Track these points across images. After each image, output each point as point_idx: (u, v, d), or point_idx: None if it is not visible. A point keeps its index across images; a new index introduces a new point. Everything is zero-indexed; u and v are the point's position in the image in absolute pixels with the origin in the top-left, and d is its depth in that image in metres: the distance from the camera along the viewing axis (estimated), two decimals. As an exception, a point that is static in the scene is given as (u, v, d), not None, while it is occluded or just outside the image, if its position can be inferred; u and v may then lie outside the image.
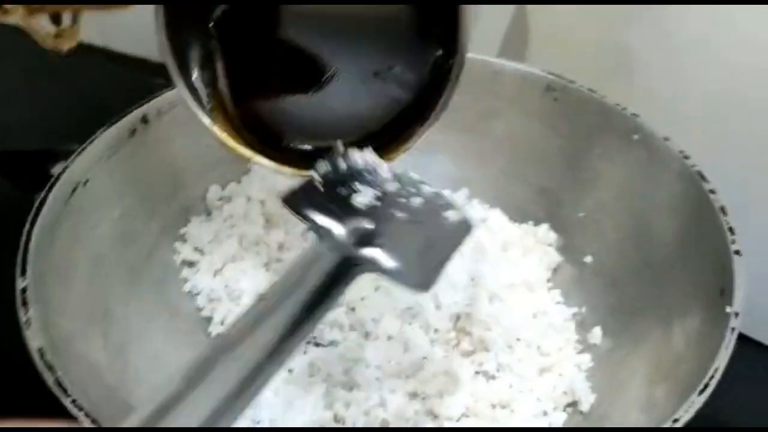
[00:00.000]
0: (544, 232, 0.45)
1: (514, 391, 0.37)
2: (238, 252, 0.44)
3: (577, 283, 0.43)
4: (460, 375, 0.37)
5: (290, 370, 0.38)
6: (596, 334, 0.40)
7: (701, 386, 0.29)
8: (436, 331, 0.40)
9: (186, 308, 0.41)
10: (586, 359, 0.39)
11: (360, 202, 0.31)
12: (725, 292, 0.33)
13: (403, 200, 0.32)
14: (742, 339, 0.47)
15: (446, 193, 0.46)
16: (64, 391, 0.28)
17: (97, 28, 0.72)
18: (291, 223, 0.46)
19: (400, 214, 0.31)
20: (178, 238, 0.44)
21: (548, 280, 0.44)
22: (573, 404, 0.37)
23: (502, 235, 0.45)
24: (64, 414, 0.27)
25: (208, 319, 0.41)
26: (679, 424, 0.28)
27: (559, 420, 0.36)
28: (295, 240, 0.45)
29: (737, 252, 0.34)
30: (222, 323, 0.41)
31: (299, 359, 0.39)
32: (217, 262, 0.43)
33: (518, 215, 0.47)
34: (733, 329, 0.31)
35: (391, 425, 0.36)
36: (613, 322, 0.40)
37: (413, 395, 0.37)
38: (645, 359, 0.36)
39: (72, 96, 0.65)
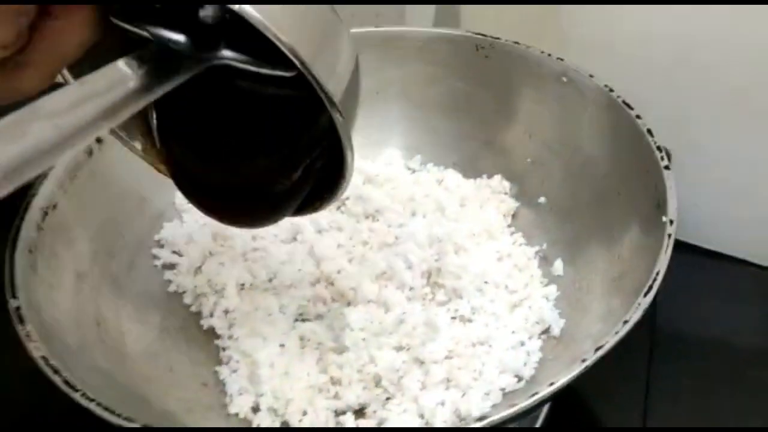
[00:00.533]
0: (498, 182, 0.48)
1: (490, 329, 0.40)
2: (213, 248, 0.46)
3: (535, 224, 0.46)
4: (438, 323, 0.40)
5: (282, 345, 0.40)
6: (558, 267, 0.43)
7: (645, 289, 0.32)
8: (411, 289, 0.43)
9: (175, 307, 0.44)
10: (552, 290, 0.42)
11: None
12: (660, 205, 0.36)
13: None
14: (691, 249, 0.52)
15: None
16: (73, 387, 0.30)
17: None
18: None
19: None
20: (155, 244, 0.46)
21: (509, 226, 0.47)
22: (545, 331, 0.40)
23: (459, 192, 0.48)
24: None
25: (198, 314, 0.44)
26: (629, 326, 0.31)
27: (535, 347, 0.39)
28: (265, 228, 0.47)
29: (667, 167, 0.37)
30: (211, 315, 0.43)
31: (290, 334, 0.41)
32: (196, 261, 0.45)
33: (471, 171, 0.50)
34: (669, 235, 0.34)
35: (383, 378, 0.39)
36: (571, 253, 0.43)
37: (399, 348, 0.40)
38: (600, 279, 0.40)
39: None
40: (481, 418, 0.28)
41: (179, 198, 0.48)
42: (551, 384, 0.29)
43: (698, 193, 0.48)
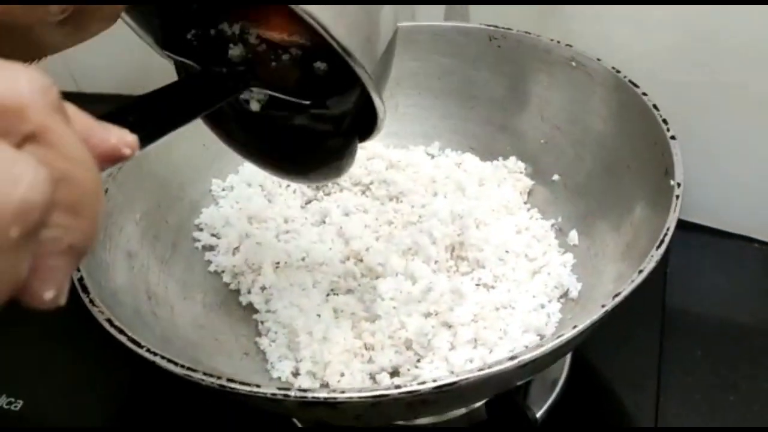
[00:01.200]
0: (513, 163, 0.51)
1: (512, 294, 0.43)
2: (249, 230, 0.49)
3: (550, 200, 0.49)
4: (464, 289, 0.43)
5: (318, 315, 0.43)
6: (573, 237, 0.46)
7: (657, 243, 0.35)
8: (436, 262, 0.46)
9: (216, 285, 0.47)
10: (569, 258, 0.45)
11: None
12: (668, 171, 0.39)
13: None
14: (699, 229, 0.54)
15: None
16: (138, 344, 0.33)
17: (69, 74, 0.78)
18: (290, 197, 0.51)
19: None
20: (195, 228, 0.49)
21: (525, 203, 0.50)
22: (564, 295, 0.43)
23: (477, 173, 0.51)
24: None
25: (237, 291, 0.47)
26: (643, 275, 0.33)
27: (554, 309, 0.42)
28: (295, 212, 0.51)
29: (673, 137, 0.40)
30: (249, 292, 0.46)
31: (324, 306, 0.44)
32: (234, 242, 0.48)
33: (488, 154, 0.53)
34: (677, 196, 0.37)
35: (414, 342, 0.41)
36: (585, 224, 0.46)
37: (427, 314, 0.43)
38: (613, 245, 0.43)
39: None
40: (512, 357, 0.30)
41: (215, 185, 0.51)
42: (575, 327, 0.31)
43: (704, 173, 0.51)
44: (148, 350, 0.33)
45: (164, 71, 0.36)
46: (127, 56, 0.67)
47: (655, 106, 0.42)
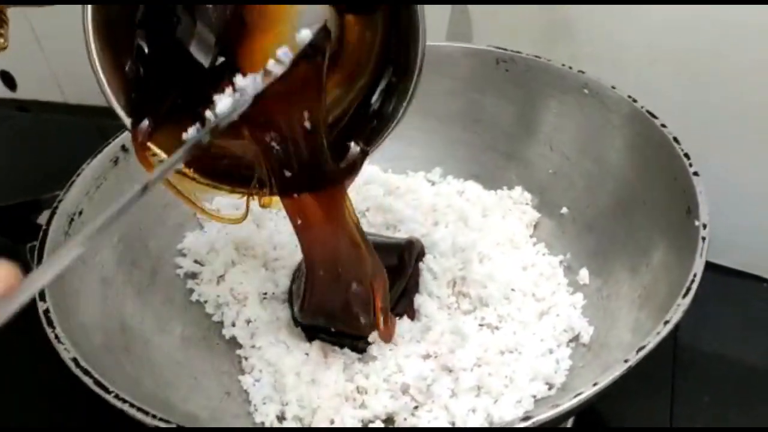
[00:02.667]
0: (519, 194, 0.48)
1: (518, 337, 0.40)
2: (236, 257, 0.45)
3: (557, 234, 0.46)
4: (466, 330, 0.40)
5: (307, 354, 0.40)
6: (584, 275, 0.43)
7: (684, 290, 0.32)
8: (437, 297, 0.43)
9: (197, 317, 0.43)
10: (579, 298, 0.42)
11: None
12: (691, 210, 0.36)
13: None
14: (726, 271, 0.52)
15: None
16: (105, 389, 0.29)
17: (56, 84, 0.75)
18: (280, 222, 0.48)
19: None
20: (177, 253, 0.45)
21: (531, 236, 0.47)
22: (574, 339, 0.40)
23: (480, 203, 0.48)
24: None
25: (220, 323, 0.43)
26: (669, 326, 0.30)
27: (564, 355, 0.39)
28: (285, 237, 0.47)
29: (696, 173, 0.37)
30: (233, 325, 0.43)
31: (314, 343, 0.41)
32: (219, 270, 0.45)
33: (492, 183, 0.50)
34: (704, 238, 0.34)
35: (412, 387, 0.38)
36: (596, 263, 0.43)
37: (426, 356, 0.39)
38: (629, 287, 0.39)
39: (44, 149, 0.68)
40: (525, 418, 0.27)
41: (200, 208, 0.47)
42: (595, 384, 0.28)
43: (713, 211, 0.48)
44: (116, 396, 0.29)
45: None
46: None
47: (675, 140, 0.39)
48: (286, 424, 0.37)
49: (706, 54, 0.46)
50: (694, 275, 0.32)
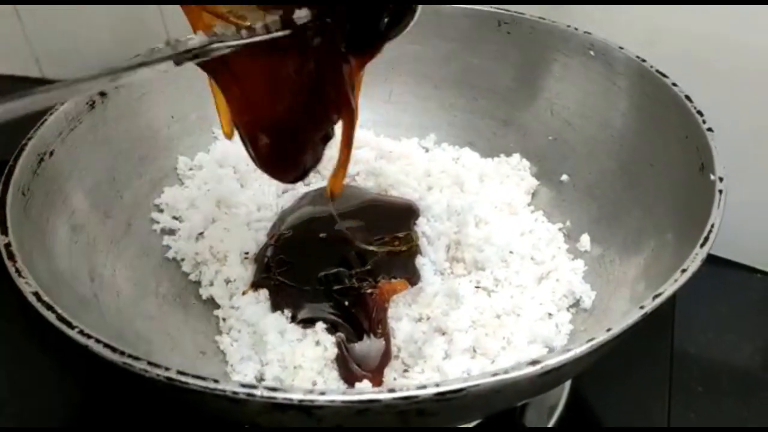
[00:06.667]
0: (517, 161, 0.46)
1: (515, 300, 0.37)
2: (217, 214, 0.43)
3: (556, 203, 0.44)
4: (461, 292, 0.37)
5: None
6: (585, 242, 0.41)
7: (701, 240, 0.30)
8: (432, 262, 0.40)
9: (173, 274, 0.40)
10: (580, 264, 0.40)
11: None
12: (705, 166, 0.34)
13: None
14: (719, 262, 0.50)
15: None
16: (69, 324, 0.26)
17: (33, 58, 0.72)
18: (265, 183, 0.45)
19: None
20: (154, 208, 0.42)
21: (529, 204, 0.45)
22: (575, 305, 0.38)
23: (477, 169, 0.46)
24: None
25: (197, 283, 0.40)
26: (687, 274, 0.28)
27: (564, 319, 0.37)
28: (270, 199, 0.45)
29: (710, 129, 0.35)
30: (211, 284, 0.40)
31: (297, 303, 0.38)
32: (198, 227, 0.42)
33: (489, 150, 0.47)
34: (720, 191, 0.32)
35: (403, 349, 0.35)
36: (599, 229, 0.41)
37: (419, 319, 0.37)
38: (636, 251, 0.37)
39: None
40: (534, 362, 0.25)
41: (182, 163, 0.45)
42: (608, 330, 0.26)
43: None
44: (81, 332, 0.26)
45: (130, 56, 0.30)
46: (93, 40, 0.62)
47: (688, 98, 0.37)
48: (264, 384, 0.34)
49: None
50: (712, 225, 0.30)
